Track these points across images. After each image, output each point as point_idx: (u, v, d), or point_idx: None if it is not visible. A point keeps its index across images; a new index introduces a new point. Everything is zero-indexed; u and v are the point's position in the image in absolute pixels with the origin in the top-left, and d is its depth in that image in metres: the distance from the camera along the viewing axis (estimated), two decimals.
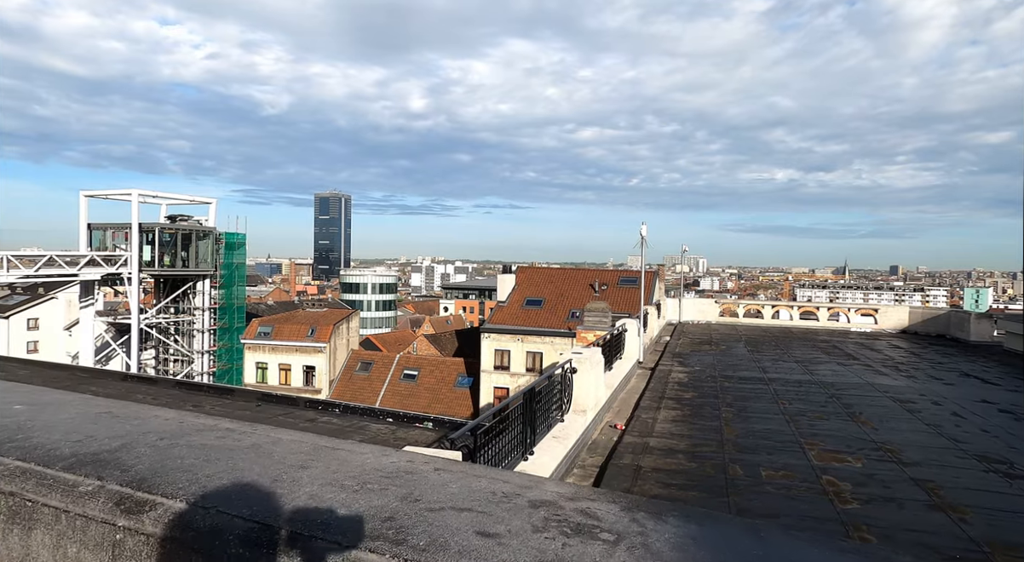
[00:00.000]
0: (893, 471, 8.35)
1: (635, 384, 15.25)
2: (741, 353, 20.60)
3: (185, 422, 3.03)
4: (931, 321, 28.86)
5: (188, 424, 2.99)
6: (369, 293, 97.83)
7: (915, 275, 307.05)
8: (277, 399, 15.20)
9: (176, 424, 2.98)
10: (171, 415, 3.21)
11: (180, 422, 3.04)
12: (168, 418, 3.13)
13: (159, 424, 2.94)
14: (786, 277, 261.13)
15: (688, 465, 8.58)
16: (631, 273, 51.59)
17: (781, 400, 12.99)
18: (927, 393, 14.07)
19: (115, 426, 2.87)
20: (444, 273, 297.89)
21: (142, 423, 2.95)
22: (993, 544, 6.06)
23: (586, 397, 10.28)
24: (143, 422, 2.97)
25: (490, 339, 44.53)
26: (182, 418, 3.12)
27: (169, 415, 3.20)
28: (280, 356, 47.82)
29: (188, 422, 3.03)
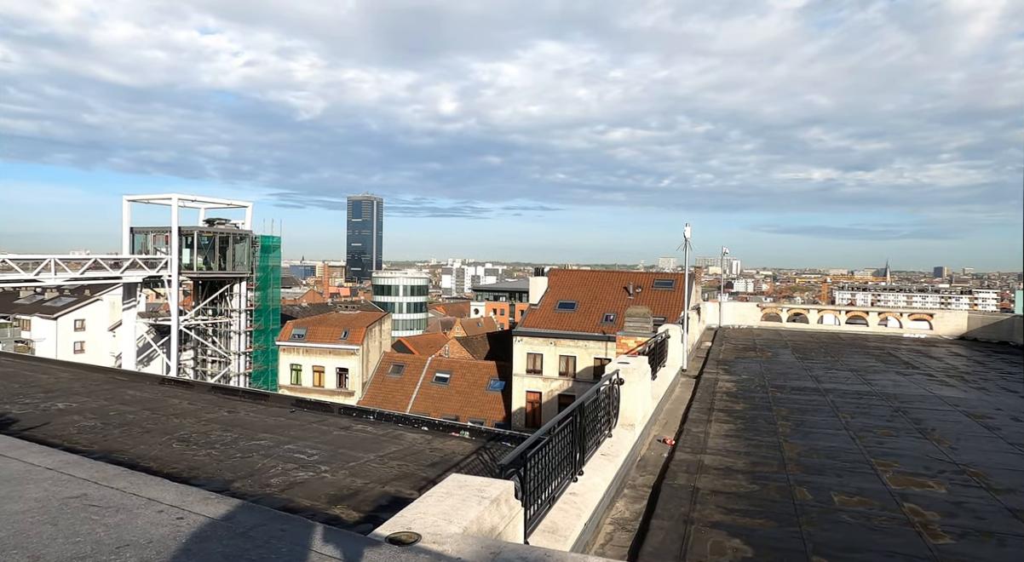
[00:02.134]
0: (984, 499, 7.50)
1: (680, 394, 14.51)
2: (789, 360, 19.61)
3: (187, 519, 2.21)
4: (992, 327, 27.22)
5: (191, 523, 2.17)
6: (401, 295, 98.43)
7: (961, 277, 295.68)
8: (311, 405, 14.93)
9: (172, 526, 2.20)
10: (171, 497, 2.47)
11: (179, 519, 2.21)
12: (164, 508, 2.39)
13: (147, 525, 2.10)
14: (823, 279, 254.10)
15: (749, 487, 7.88)
16: (665, 276, 50.47)
17: (841, 413, 12.11)
18: (1003, 407, 12.99)
19: (80, 531, 2.10)
20: (474, 275, 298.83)
21: (124, 522, 2.16)
22: None
23: (634, 410, 9.65)
24: (127, 519, 2.16)
25: (522, 342, 44.00)
26: (185, 503, 2.33)
27: (168, 498, 2.45)
28: (314, 358, 48.18)
29: (192, 518, 2.23)
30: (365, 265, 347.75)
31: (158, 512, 2.20)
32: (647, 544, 6.09)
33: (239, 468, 8.59)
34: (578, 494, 6.50)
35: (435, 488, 3.98)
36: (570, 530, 5.60)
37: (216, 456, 9.11)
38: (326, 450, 10.02)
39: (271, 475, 8.41)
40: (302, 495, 7.72)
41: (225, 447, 9.66)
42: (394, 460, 9.84)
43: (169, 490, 2.56)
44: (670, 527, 6.51)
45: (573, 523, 5.77)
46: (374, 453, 10.11)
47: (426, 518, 3.46)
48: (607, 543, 6.34)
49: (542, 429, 6.17)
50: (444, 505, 3.67)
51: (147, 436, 10.08)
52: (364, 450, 10.25)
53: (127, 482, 2.59)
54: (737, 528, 6.54)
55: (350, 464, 9.33)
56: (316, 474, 8.69)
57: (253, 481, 8.13)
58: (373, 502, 7.72)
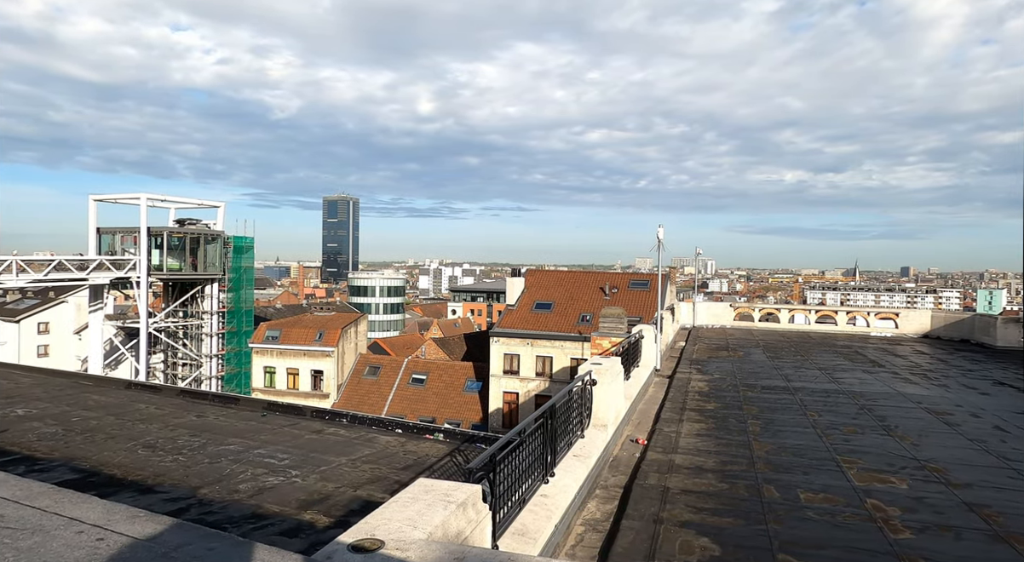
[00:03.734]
0: (943, 494, 7.72)
1: (653, 394, 14.66)
2: (760, 360, 19.95)
3: (107, 540, 1.84)
4: (955, 325, 28.04)
5: (111, 545, 1.80)
6: (377, 296, 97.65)
7: (927, 277, 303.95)
8: (283, 408, 14.72)
9: (89, 549, 1.88)
10: (95, 516, 1.94)
11: (99, 540, 1.87)
12: (85, 528, 2.05)
13: (62, 549, 1.81)
14: (795, 279, 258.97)
15: (719, 486, 7.99)
16: (641, 276, 50.94)
17: (810, 411, 12.36)
18: (963, 404, 13.39)
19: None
20: (452, 276, 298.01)
21: (38, 545, 1.87)
22: None
23: (607, 410, 9.72)
24: (42, 542, 1.86)
25: (499, 343, 44.01)
26: (109, 522, 1.95)
27: (92, 516, 1.89)
28: (288, 360, 47.53)
29: (113, 540, 1.85)
30: (341, 266, 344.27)
31: (77, 533, 2.03)
32: (617, 545, 6.14)
33: (207, 474, 8.43)
34: (549, 496, 6.52)
35: (401, 493, 3.95)
36: (540, 532, 5.61)
37: (183, 462, 8.94)
38: (297, 454, 9.89)
39: (240, 481, 8.28)
40: (271, 501, 7.61)
41: (193, 453, 9.47)
42: (367, 464, 9.76)
43: (95, 508, 2.40)
44: (640, 527, 6.57)
45: (543, 525, 5.79)
46: (346, 457, 10.01)
47: (391, 524, 3.44)
48: (577, 544, 6.37)
49: (512, 432, 6.18)
50: (410, 510, 3.65)
51: (111, 442, 9.84)
52: (336, 454, 10.14)
53: (51, 500, 2.38)
54: (706, 527, 6.63)
55: (321, 468, 9.22)
56: (286, 479, 8.58)
57: (221, 487, 7.98)
58: (344, 507, 7.64)
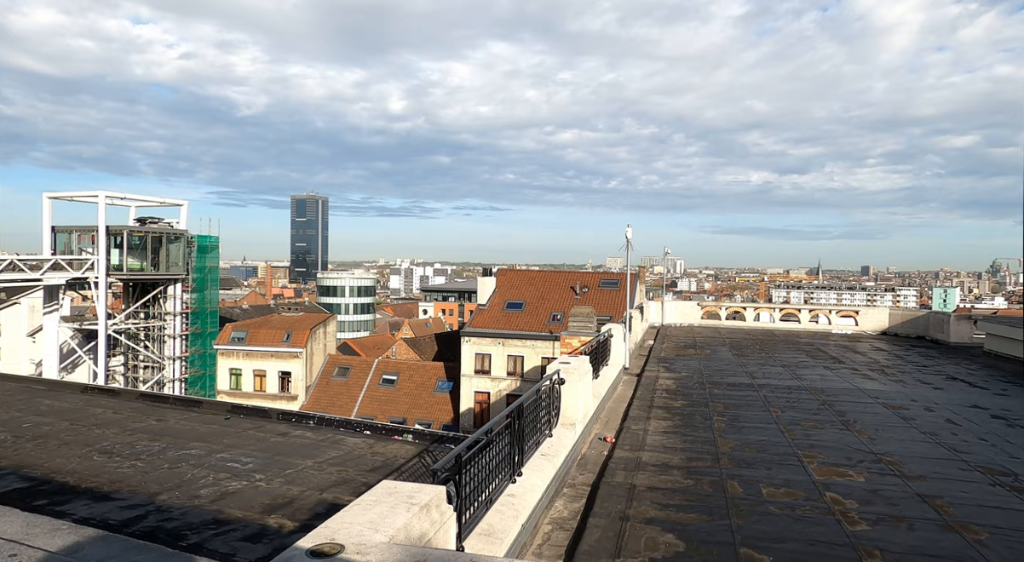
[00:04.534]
0: (897, 486, 7.98)
1: (622, 392, 14.81)
2: (727, 357, 20.33)
3: (21, 555, 1.62)
4: (910, 323, 29.02)
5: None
6: (347, 296, 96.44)
7: (886, 275, 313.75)
8: (248, 411, 14.44)
9: None
10: (13, 530, 1.73)
11: (12, 556, 1.64)
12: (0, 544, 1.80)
13: None
14: (762, 278, 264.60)
15: (684, 483, 8.12)
16: (612, 275, 51.42)
17: (773, 408, 12.64)
18: (918, 398, 13.86)
19: None
20: (423, 275, 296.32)
21: None
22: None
23: (575, 409, 9.77)
24: None
25: (470, 343, 43.91)
26: (28, 536, 1.78)
27: (10, 531, 1.76)
28: (255, 362, 46.60)
29: (28, 555, 1.62)
30: (310, 265, 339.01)
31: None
32: (583, 543, 6.18)
33: (166, 480, 8.22)
34: (516, 495, 6.53)
35: (363, 496, 3.91)
36: (506, 532, 5.62)
37: (141, 468, 8.69)
38: (262, 458, 9.71)
39: (201, 486, 8.09)
40: (234, 505, 7.45)
41: (152, 458, 9.22)
42: (333, 466, 9.63)
43: (14, 522, 2.27)
44: (606, 525, 6.63)
45: (510, 525, 5.79)
46: (313, 459, 9.87)
47: (352, 528, 3.40)
48: (544, 543, 6.39)
49: (479, 432, 6.17)
50: (371, 513, 3.62)
51: (64, 449, 9.51)
52: (302, 456, 9.99)
53: None
54: (671, 523, 6.73)
55: (287, 471, 9.07)
56: (250, 483, 8.41)
57: (181, 493, 7.79)
58: (310, 510, 7.53)
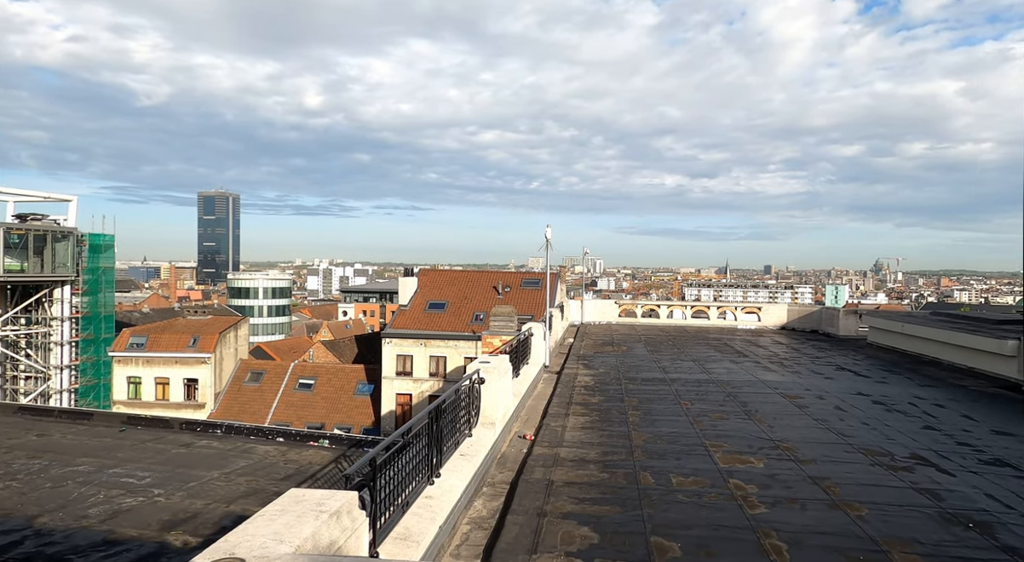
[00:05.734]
0: (792, 470, 8.59)
1: (542, 390, 15.03)
2: (642, 354, 21.11)
3: None
4: (806, 317, 31.33)
5: None
6: (260, 298, 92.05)
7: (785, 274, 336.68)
8: (147, 422, 13.49)
9: None
10: None
11: None
12: None
13: None
14: (675, 277, 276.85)
15: (600, 476, 8.35)
16: (534, 275, 52.11)
17: (683, 401, 13.26)
18: (811, 388, 14.99)
19: None
20: (343, 276, 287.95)
21: None
22: (889, 542, 6.26)
23: (495, 409, 9.82)
24: None
25: (392, 344, 43.16)
26: None
27: None
28: (157, 369, 43.53)
29: None
30: (220, 266, 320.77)
31: None
32: (501, 541, 6.22)
33: (48, 500, 7.51)
34: (434, 497, 6.47)
35: (268, 506, 3.74)
36: (423, 535, 5.55)
37: (18, 488, 7.90)
38: (161, 471, 9.10)
39: (90, 504, 7.46)
40: (128, 524, 6.93)
41: (32, 477, 8.41)
42: (242, 476, 9.17)
43: None
44: (524, 522, 6.70)
45: (427, 527, 5.73)
46: (220, 470, 9.35)
47: (254, 540, 3.24)
48: (462, 544, 6.38)
49: (395, 434, 6.07)
50: (277, 524, 3.46)
51: None
52: (208, 468, 9.45)
53: None
54: (587, 517, 6.90)
55: (190, 484, 8.54)
56: (148, 499, 7.86)
57: (66, 514, 7.15)
58: (214, 524, 7.13)
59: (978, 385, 15.75)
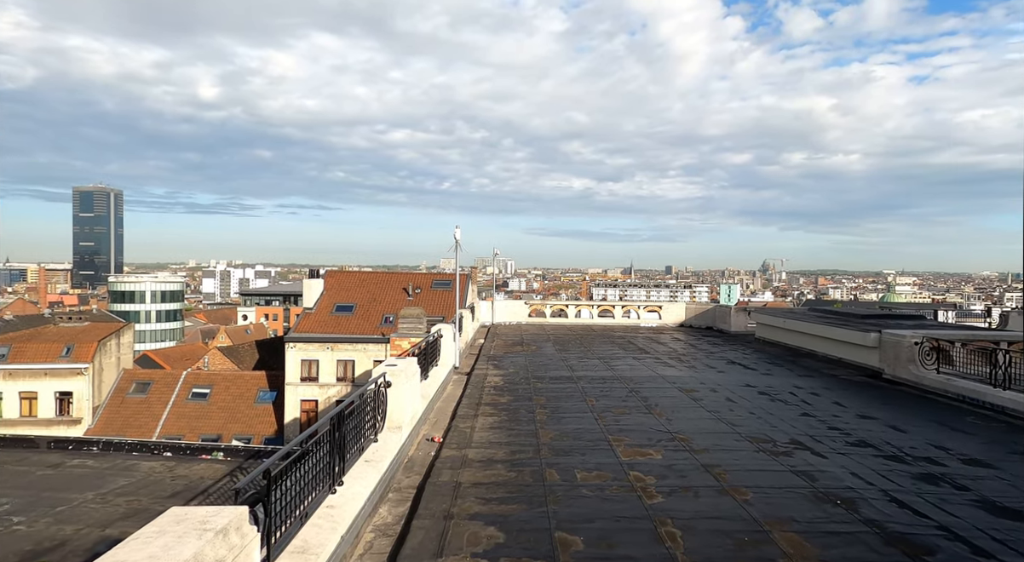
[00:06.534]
0: (687, 460, 9.09)
1: (452, 391, 14.96)
2: (551, 353, 21.56)
3: None
4: (702, 315, 33.32)
5: None
6: (148, 302, 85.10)
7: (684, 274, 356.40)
8: (7, 442, 12.12)
9: None
10: None
11: None
12: None
13: None
14: (584, 277, 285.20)
15: (507, 475, 8.43)
16: (444, 276, 51.82)
17: (589, 398, 13.67)
18: (705, 381, 15.95)
19: None
20: (243, 278, 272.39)
21: None
22: (771, 522, 6.78)
23: (402, 412, 9.66)
24: None
25: (296, 349, 41.38)
26: None
27: None
28: (21, 383, 39.10)
29: None
30: (100, 268, 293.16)
31: None
32: (406, 546, 6.12)
33: None
34: (336, 506, 6.26)
35: (145, 528, 3.46)
36: (323, 546, 5.36)
37: None
38: (23, 496, 8.19)
39: None
40: None
41: None
42: (122, 497, 8.44)
43: None
44: (430, 526, 6.64)
45: (328, 538, 5.54)
46: (95, 491, 8.55)
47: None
48: (366, 553, 6.22)
49: (293, 442, 5.82)
50: (154, 546, 3.21)
51: None
52: (81, 489, 8.61)
53: None
54: (493, 517, 6.94)
55: (58, 509, 7.75)
56: (6, 528, 7.04)
57: None
58: (86, 551, 6.51)
59: (847, 374, 17.43)
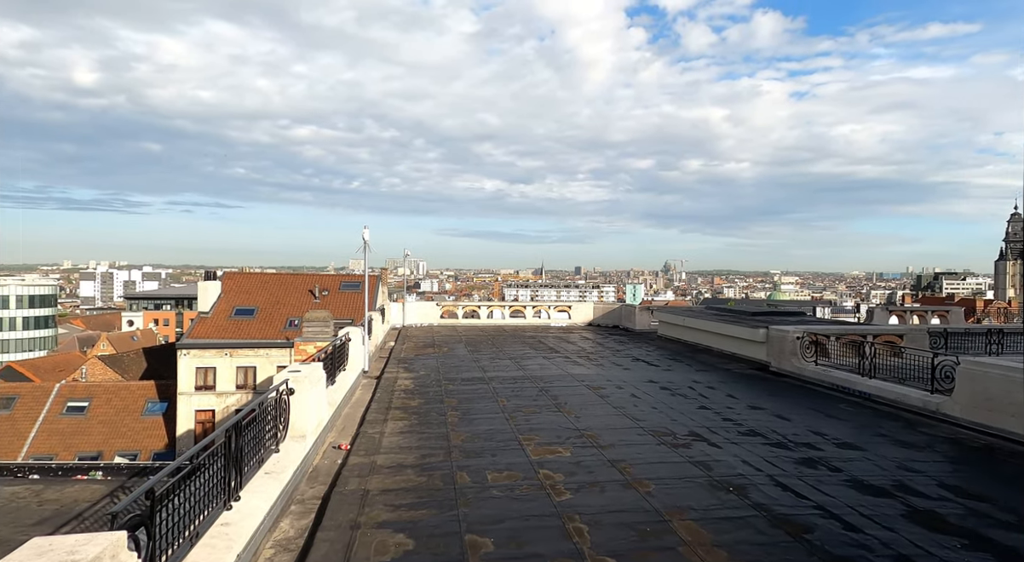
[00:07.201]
0: (594, 456, 9.36)
1: (360, 396, 14.54)
2: (462, 354, 21.50)
3: None
4: (609, 314, 34.51)
5: None
6: (12, 308, 76.29)
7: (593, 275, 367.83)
8: None
9: None
10: None
11: None
12: None
13: None
14: (496, 278, 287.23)
15: (417, 480, 8.29)
16: (354, 277, 50.37)
17: (501, 398, 13.75)
18: (612, 379, 16.51)
19: None
20: (129, 280, 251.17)
21: None
22: (671, 511, 7.11)
23: (306, 420, 9.26)
24: None
25: (190, 356, 38.69)
26: None
27: None
28: None
29: None
30: None
31: None
32: (309, 560, 5.86)
33: None
34: (232, 523, 5.89)
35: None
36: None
37: None
38: None
39: None
40: None
41: None
42: None
43: None
44: (336, 537, 6.39)
45: (221, 558, 5.19)
46: None
47: None
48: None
49: (182, 457, 5.40)
50: None
51: None
52: None
53: None
54: (402, 523, 6.79)
55: None
56: None
57: None
58: None
59: (740, 368, 18.68)
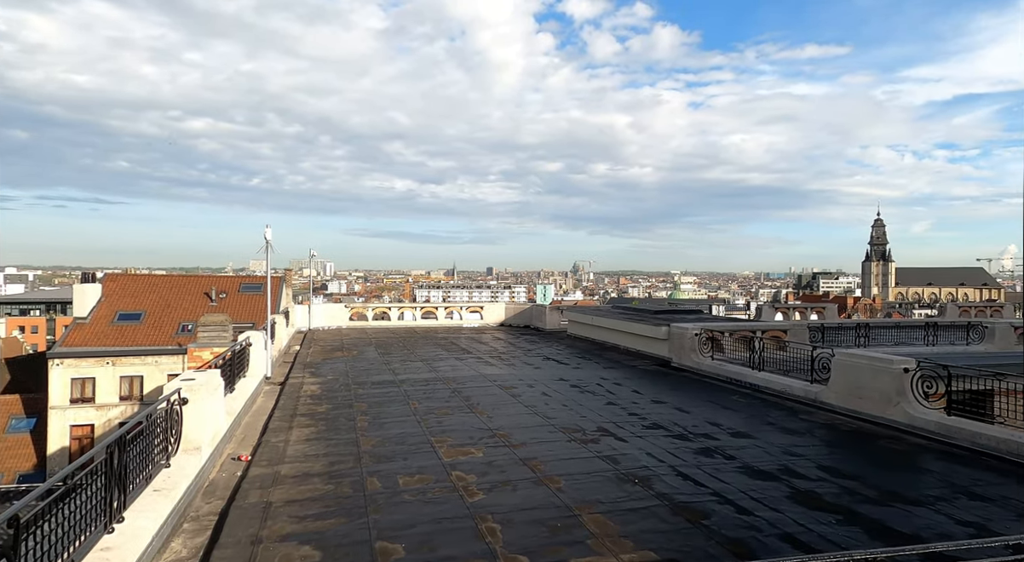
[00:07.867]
0: (507, 455, 9.43)
1: (263, 403, 13.81)
2: (373, 357, 20.98)
3: None
4: (520, 314, 34.95)
5: None
6: None
7: (504, 275, 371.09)
8: None
9: None
10: None
11: None
12: None
13: None
14: (407, 279, 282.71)
15: (325, 488, 7.99)
16: (255, 279, 47.80)
17: (412, 401, 13.54)
18: (523, 378, 16.73)
19: None
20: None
21: None
22: (580, 506, 7.31)
23: (201, 431, 8.67)
24: None
25: (64, 366, 35.11)
26: None
27: None
28: None
29: None
30: None
31: None
32: None
33: None
34: (115, 546, 5.41)
35: None
36: None
37: None
38: None
39: None
40: None
41: None
42: None
43: None
44: (234, 554, 6.03)
45: None
46: None
47: None
48: None
49: (54, 478, 4.89)
50: None
51: None
52: None
53: None
54: (309, 535, 6.52)
55: None
56: None
57: None
58: None
59: (644, 364, 19.53)
